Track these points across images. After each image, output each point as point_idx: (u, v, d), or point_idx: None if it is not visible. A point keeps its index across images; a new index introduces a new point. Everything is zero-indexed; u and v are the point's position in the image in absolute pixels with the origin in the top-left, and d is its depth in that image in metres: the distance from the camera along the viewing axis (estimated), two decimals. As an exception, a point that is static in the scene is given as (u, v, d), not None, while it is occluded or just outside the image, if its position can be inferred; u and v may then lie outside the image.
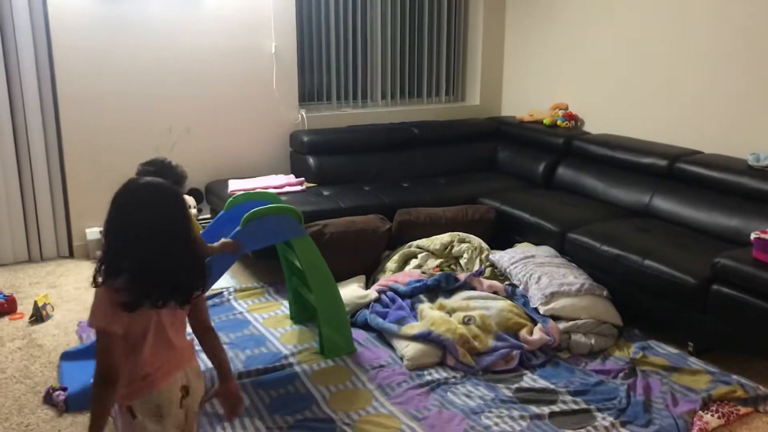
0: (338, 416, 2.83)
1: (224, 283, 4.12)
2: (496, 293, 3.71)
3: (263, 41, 5.00)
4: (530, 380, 3.12)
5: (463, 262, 4.09)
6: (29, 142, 4.42)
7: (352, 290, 3.75)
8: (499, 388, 3.05)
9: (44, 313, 3.70)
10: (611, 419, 2.81)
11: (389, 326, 3.41)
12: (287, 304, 3.79)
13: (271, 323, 3.68)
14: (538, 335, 3.37)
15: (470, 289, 3.72)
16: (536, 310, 3.55)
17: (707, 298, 3.23)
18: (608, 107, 5.02)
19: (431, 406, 2.90)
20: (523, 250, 4.04)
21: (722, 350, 3.36)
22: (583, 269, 3.79)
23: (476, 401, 2.94)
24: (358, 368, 3.20)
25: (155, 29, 4.63)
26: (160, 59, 4.69)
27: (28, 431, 2.73)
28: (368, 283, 4.04)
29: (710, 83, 4.28)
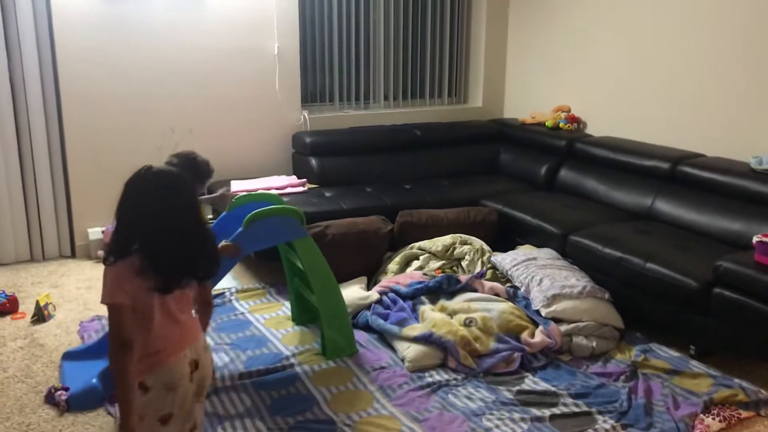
0: (339, 417, 2.83)
1: (226, 283, 4.13)
2: (497, 295, 3.70)
3: (266, 42, 5.00)
4: (531, 383, 3.11)
5: (464, 264, 4.09)
6: (32, 141, 4.43)
7: (353, 291, 3.75)
8: (500, 390, 3.04)
9: (46, 312, 3.71)
10: (612, 422, 2.81)
11: (390, 328, 3.41)
12: (289, 305, 3.79)
13: (272, 324, 3.68)
14: (539, 338, 3.37)
15: (472, 291, 3.72)
16: (538, 312, 3.54)
17: (709, 301, 3.22)
18: (610, 110, 5.02)
19: (432, 407, 2.90)
20: (524, 252, 4.04)
21: (724, 354, 3.35)
22: (584, 272, 3.78)
23: (477, 403, 2.94)
24: (359, 369, 3.20)
25: (158, 30, 4.64)
26: (162, 60, 4.70)
27: (29, 431, 2.74)
28: (370, 284, 4.04)
29: (712, 86, 4.28)
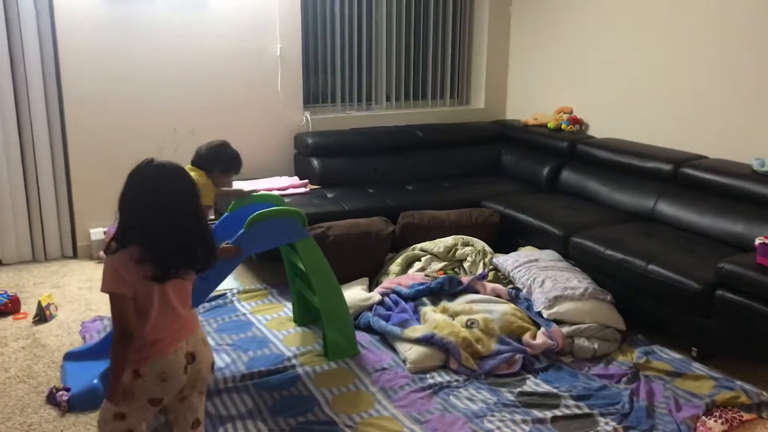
0: (340, 419, 2.83)
1: (228, 284, 4.13)
2: (499, 297, 3.70)
3: (268, 43, 5.01)
4: (533, 384, 3.11)
5: (466, 265, 4.09)
6: (34, 142, 4.43)
7: (355, 293, 3.75)
8: (501, 391, 3.04)
9: (48, 313, 3.71)
10: (614, 424, 2.80)
11: (392, 329, 3.41)
12: (290, 306, 3.79)
13: (274, 325, 3.68)
14: (541, 339, 3.37)
15: (473, 292, 3.72)
16: (539, 314, 3.54)
17: (711, 303, 3.22)
18: (613, 111, 5.02)
19: (434, 409, 2.90)
20: (526, 253, 4.04)
21: (726, 356, 3.35)
22: (586, 273, 3.78)
23: (479, 405, 2.93)
24: (360, 371, 3.20)
25: (160, 31, 4.65)
26: (165, 61, 4.71)
27: (30, 431, 2.74)
28: (371, 285, 4.03)
29: (715, 88, 4.27)
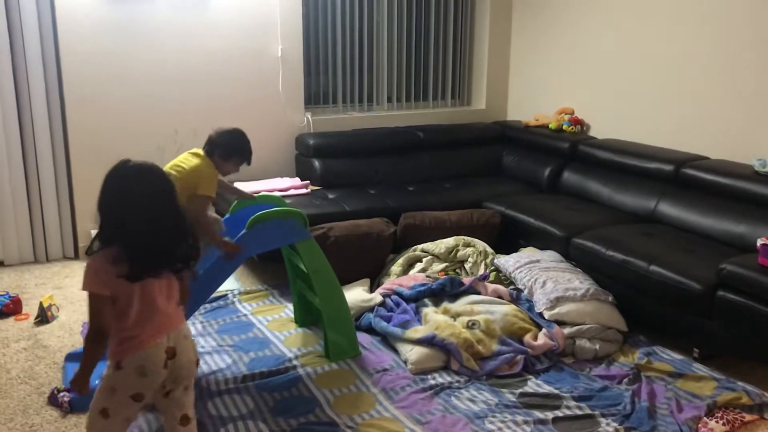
0: (342, 420, 2.82)
1: (229, 285, 4.13)
2: (500, 298, 3.70)
3: (270, 44, 5.01)
4: (534, 385, 3.11)
5: (467, 266, 4.09)
6: (36, 143, 4.44)
7: (356, 294, 3.74)
8: (503, 392, 3.04)
9: (49, 314, 3.71)
10: (615, 425, 2.80)
11: (393, 330, 3.41)
12: (291, 307, 3.79)
13: (275, 326, 3.68)
14: (542, 340, 3.37)
15: (475, 293, 3.72)
16: (541, 314, 3.54)
17: (713, 304, 3.22)
18: (614, 112, 5.01)
19: (435, 410, 2.90)
20: (528, 254, 4.04)
21: (727, 356, 3.35)
22: (588, 274, 3.78)
23: (480, 406, 2.93)
24: (361, 372, 3.20)
25: (162, 32, 4.65)
26: (166, 61, 4.71)
27: (32, 432, 2.75)
28: (373, 286, 4.03)
29: (716, 88, 4.27)
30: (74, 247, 4.72)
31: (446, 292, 3.70)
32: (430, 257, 4.13)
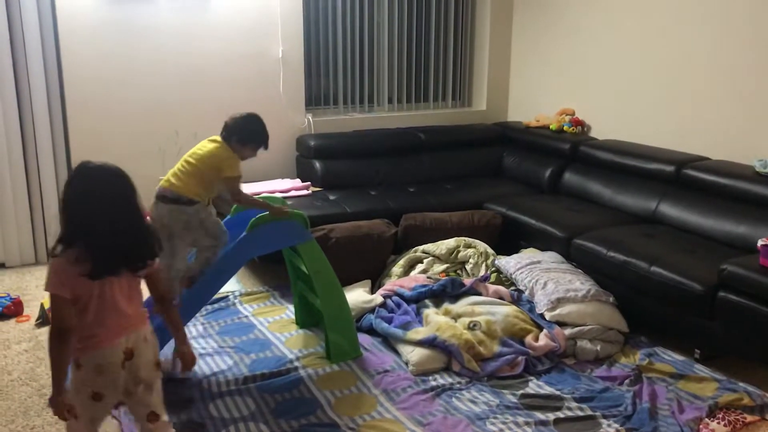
0: (343, 421, 2.82)
1: (230, 287, 4.13)
2: (501, 299, 3.70)
3: (270, 45, 5.01)
4: (535, 386, 3.11)
5: (468, 267, 4.09)
6: (37, 145, 4.44)
7: (357, 295, 3.74)
8: (504, 394, 3.04)
9: (50, 315, 3.71)
10: (617, 426, 2.80)
11: (394, 331, 3.41)
12: (292, 308, 3.79)
13: (276, 327, 3.68)
14: (543, 341, 3.37)
15: (476, 294, 3.72)
16: (542, 315, 3.54)
17: (714, 305, 3.21)
18: (615, 113, 5.01)
19: (436, 411, 2.90)
20: (529, 255, 4.04)
21: (729, 357, 3.35)
22: (589, 275, 3.78)
23: (481, 407, 2.93)
24: (363, 373, 3.20)
25: (163, 34, 4.66)
26: (167, 63, 4.72)
27: (33, 434, 2.75)
28: (374, 287, 4.03)
29: (717, 89, 4.27)
30: (75, 248, 4.72)
31: (447, 293, 3.70)
32: (431, 258, 4.13)
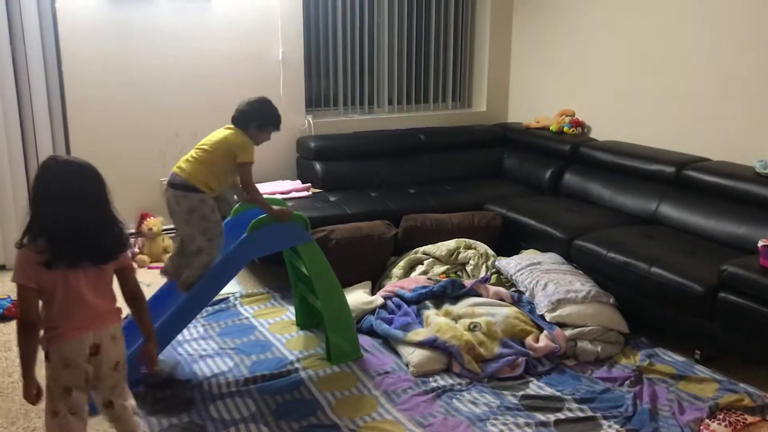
0: (343, 422, 2.83)
1: (230, 288, 4.13)
2: (502, 300, 3.70)
3: (270, 47, 5.02)
4: (536, 387, 3.11)
5: (469, 268, 4.09)
6: (37, 146, 4.44)
7: (357, 296, 3.74)
8: (504, 395, 3.04)
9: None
10: (617, 427, 2.80)
11: (395, 332, 3.41)
12: (293, 309, 3.79)
13: (276, 329, 3.68)
14: (544, 342, 3.37)
15: (476, 295, 3.72)
16: (542, 317, 3.54)
17: (714, 305, 3.21)
18: (615, 114, 5.02)
19: (437, 412, 2.90)
20: (529, 256, 4.04)
21: (729, 358, 3.35)
22: (589, 276, 3.78)
23: (482, 408, 2.93)
24: (363, 374, 3.20)
25: (163, 35, 4.66)
26: (167, 65, 4.72)
27: (34, 436, 2.75)
28: (374, 289, 4.04)
29: (717, 90, 4.27)
30: (76, 250, 4.71)
31: (447, 294, 3.70)
32: (431, 260, 4.13)
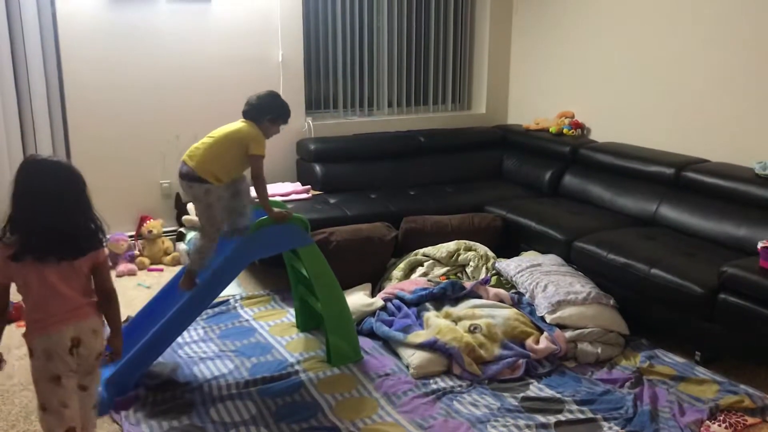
0: (344, 425, 2.83)
1: (231, 290, 4.13)
2: (502, 301, 3.70)
3: (270, 49, 5.02)
4: (536, 389, 3.11)
5: (469, 270, 4.09)
6: (37, 147, 4.43)
7: (358, 298, 3.75)
8: (505, 397, 3.04)
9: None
10: (618, 429, 2.80)
11: (395, 334, 3.41)
12: (293, 311, 3.79)
13: (277, 331, 3.68)
14: (544, 344, 3.37)
15: (476, 297, 3.72)
16: (542, 318, 3.54)
17: (714, 307, 3.22)
18: (615, 115, 5.02)
19: (437, 414, 2.90)
20: (529, 258, 4.04)
21: (729, 359, 3.35)
22: (589, 278, 3.78)
23: (482, 410, 2.93)
24: (363, 376, 3.20)
25: (163, 38, 4.67)
26: (167, 68, 4.73)
27: (34, 438, 2.75)
28: (374, 291, 4.04)
29: (716, 91, 4.27)
30: (76, 252, 4.72)
31: (448, 296, 3.70)
32: (431, 261, 4.13)
